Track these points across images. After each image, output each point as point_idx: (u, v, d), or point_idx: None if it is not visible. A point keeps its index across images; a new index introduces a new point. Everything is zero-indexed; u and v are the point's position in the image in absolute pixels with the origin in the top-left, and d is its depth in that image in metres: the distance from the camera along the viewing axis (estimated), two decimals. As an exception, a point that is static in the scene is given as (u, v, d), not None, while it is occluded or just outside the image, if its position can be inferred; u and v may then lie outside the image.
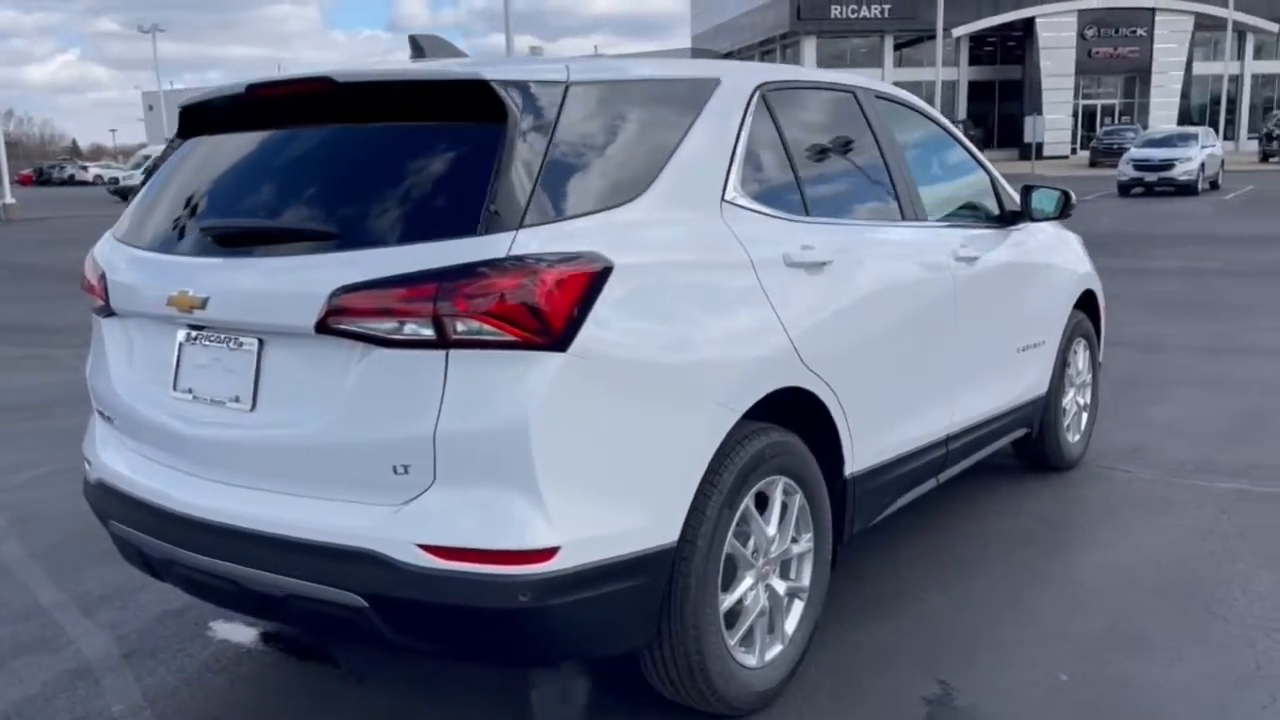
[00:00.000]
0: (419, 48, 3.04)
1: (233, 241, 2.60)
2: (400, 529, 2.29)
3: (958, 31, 47.63)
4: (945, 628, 3.34)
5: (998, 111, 51.68)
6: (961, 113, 45.21)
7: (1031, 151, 37.58)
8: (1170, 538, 4.08)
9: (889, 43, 51.30)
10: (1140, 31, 48.35)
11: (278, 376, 2.50)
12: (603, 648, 2.54)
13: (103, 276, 2.90)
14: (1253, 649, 3.14)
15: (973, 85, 51.70)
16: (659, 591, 2.49)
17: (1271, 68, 51.68)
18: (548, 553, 2.25)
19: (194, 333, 2.67)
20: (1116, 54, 48.66)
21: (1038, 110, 48.15)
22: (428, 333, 2.24)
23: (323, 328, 2.35)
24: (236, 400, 2.56)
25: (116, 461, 2.89)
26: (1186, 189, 26.32)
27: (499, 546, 2.24)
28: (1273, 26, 48.07)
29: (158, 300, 2.66)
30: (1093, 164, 39.80)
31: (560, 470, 2.28)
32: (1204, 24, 48.21)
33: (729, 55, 59.98)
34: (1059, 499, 4.59)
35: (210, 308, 2.54)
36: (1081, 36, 48.29)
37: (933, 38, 50.42)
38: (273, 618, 3.02)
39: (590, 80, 2.61)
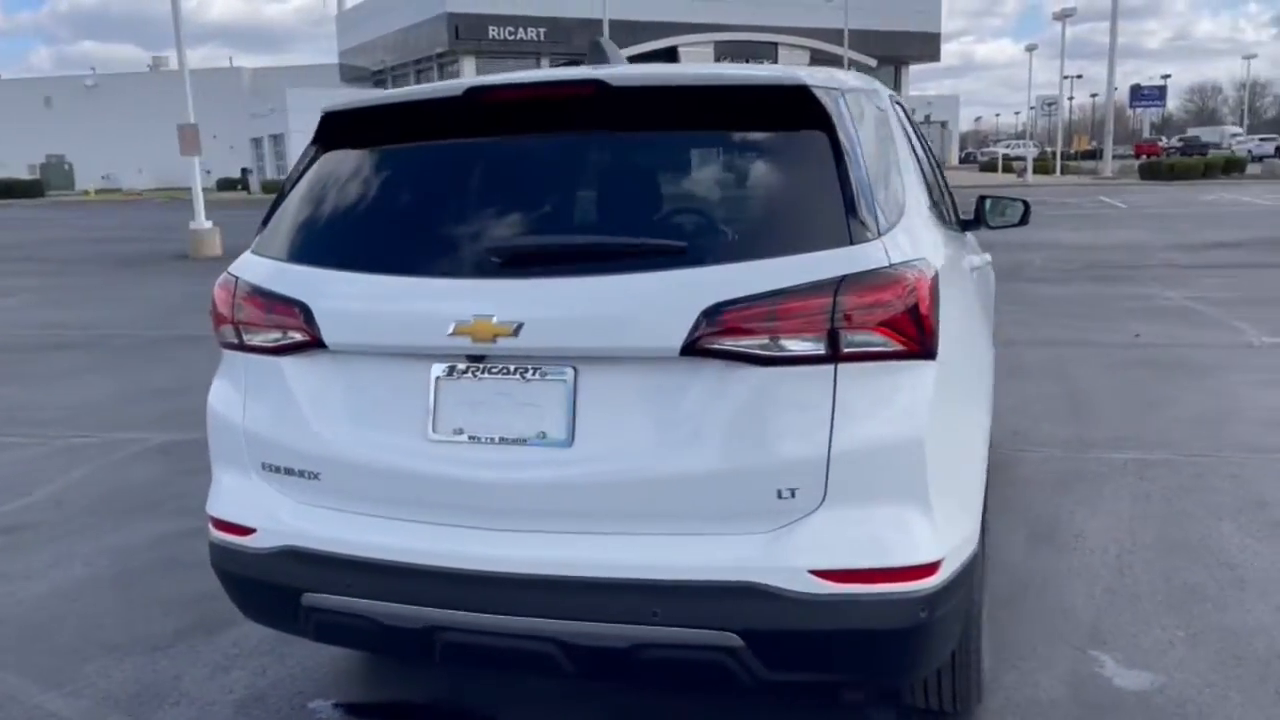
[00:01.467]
0: (601, 52, 2.86)
1: (532, 261, 2.32)
2: (787, 556, 2.18)
3: (611, 57, 49.72)
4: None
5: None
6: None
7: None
8: (1133, 506, 4.65)
9: (545, 65, 52.60)
10: (766, 62, 53.08)
11: (604, 406, 2.27)
12: (942, 658, 2.53)
13: (301, 307, 2.47)
14: None
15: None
16: (973, 598, 2.54)
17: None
18: (935, 565, 2.23)
19: (462, 366, 2.36)
20: (750, 83, 53.09)
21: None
22: (816, 347, 2.16)
23: (693, 349, 2.18)
24: (542, 437, 2.30)
25: (323, 523, 2.48)
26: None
27: (897, 564, 2.19)
28: (872, 61, 54.59)
29: (430, 331, 2.32)
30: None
31: (937, 480, 2.27)
32: (818, 58, 53.90)
33: (381, 73, 58.76)
34: (1002, 481, 5.07)
35: (524, 335, 2.25)
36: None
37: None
38: (598, 675, 2.66)
39: (849, 88, 2.58)
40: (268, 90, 56.50)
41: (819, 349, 2.16)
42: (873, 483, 2.19)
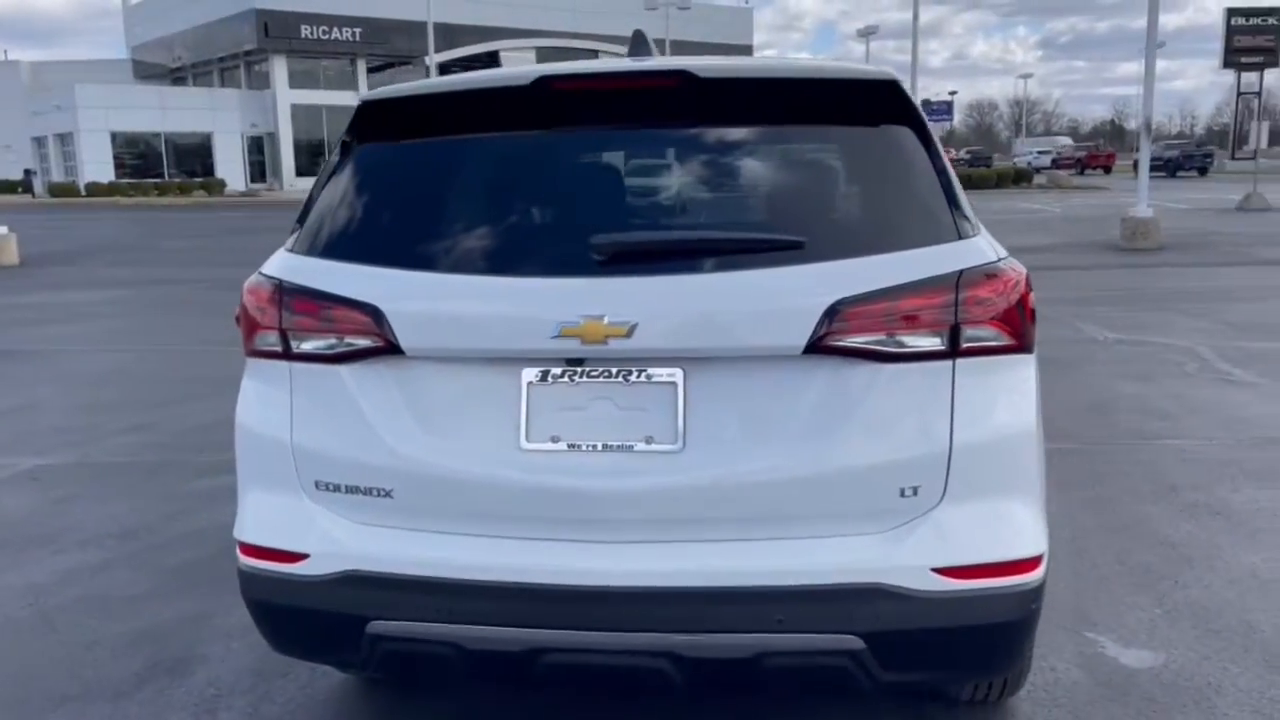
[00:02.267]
0: (645, 43, 2.76)
1: (640, 259, 2.21)
2: (910, 555, 2.16)
3: (428, 60, 48.86)
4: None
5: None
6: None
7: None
8: (1063, 494, 4.90)
9: (362, 66, 51.16)
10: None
11: (715, 407, 2.19)
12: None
13: (372, 311, 2.26)
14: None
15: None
16: None
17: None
18: (1041, 557, 2.26)
19: (558, 370, 2.22)
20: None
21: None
22: (937, 342, 2.15)
23: (816, 347, 2.13)
24: (649, 441, 2.19)
25: (395, 543, 2.29)
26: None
27: (1013, 557, 2.21)
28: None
29: (531, 333, 2.17)
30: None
31: (1039, 473, 2.31)
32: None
33: (180, 70, 55.64)
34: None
35: (637, 336, 2.14)
36: (541, 71, 52.16)
37: (405, 64, 51.40)
38: (710, 687, 2.49)
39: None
40: (50, 86, 52.36)
41: (940, 344, 2.15)
42: (989, 477, 2.20)
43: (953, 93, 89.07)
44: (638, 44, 2.75)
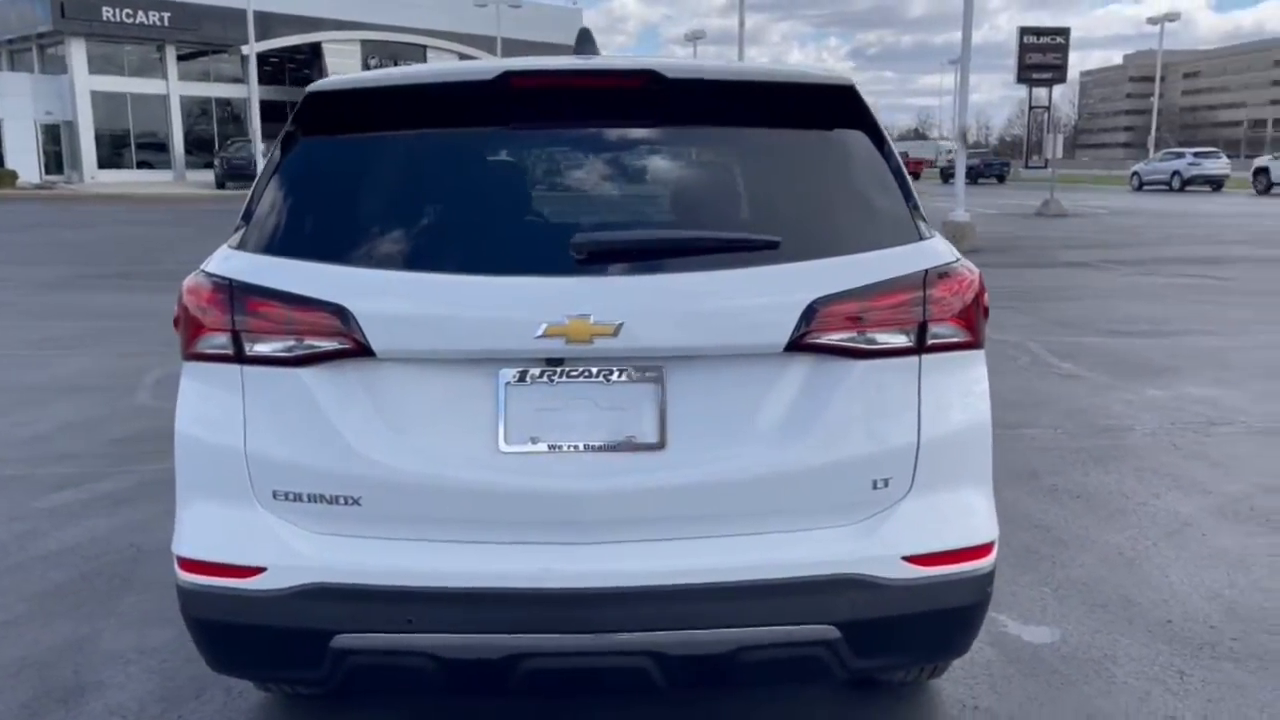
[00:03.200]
0: (591, 41, 2.74)
1: (622, 258, 2.19)
2: (881, 545, 2.24)
3: (245, 49, 46.81)
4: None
5: (292, 133, 51.88)
6: (254, 133, 44.22)
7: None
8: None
9: (171, 53, 48.40)
10: (414, 64, 52.34)
11: (695, 405, 2.20)
12: None
13: (338, 311, 2.16)
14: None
15: (266, 105, 51.29)
16: None
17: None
18: (993, 543, 2.39)
19: (537, 371, 2.19)
20: (398, 84, 52.02)
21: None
22: (906, 339, 2.24)
23: (797, 345, 2.18)
24: (630, 441, 2.19)
25: (363, 553, 2.20)
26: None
27: (973, 543, 2.33)
28: (519, 70, 55.43)
29: (512, 333, 2.14)
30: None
31: (990, 463, 2.43)
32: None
33: (-39, 51, 51.23)
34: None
35: (623, 335, 2.13)
36: (366, 65, 50.61)
37: (218, 52, 48.98)
38: (690, 684, 2.40)
39: None
40: None
41: (908, 341, 2.24)
42: (952, 468, 2.31)
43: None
44: (583, 42, 2.73)
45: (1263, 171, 37.92)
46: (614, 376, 2.20)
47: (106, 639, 3.51)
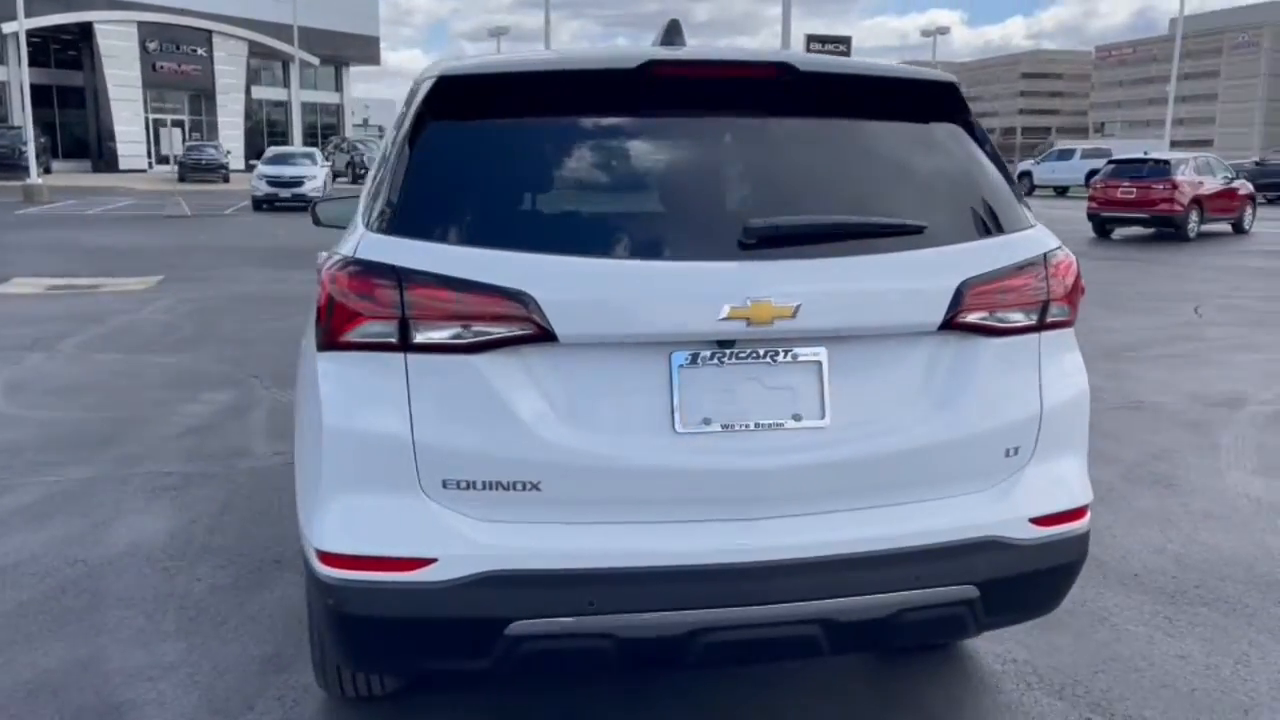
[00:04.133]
0: (679, 32, 2.78)
1: (792, 241, 2.27)
2: (1013, 508, 2.43)
3: (8, 28, 42.89)
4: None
5: (60, 119, 47.94)
6: (25, 119, 40.54)
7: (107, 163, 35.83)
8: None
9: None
10: (200, 51, 49.36)
11: (854, 383, 2.32)
12: None
13: (522, 298, 2.14)
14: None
15: (33, 89, 47.23)
16: None
17: (317, 96, 57.49)
18: (1089, 505, 2.61)
19: (707, 353, 2.24)
20: (181, 71, 48.96)
21: (109, 121, 46.11)
22: (1031, 317, 2.44)
23: (949, 324, 2.33)
24: (797, 419, 2.28)
25: (543, 538, 2.21)
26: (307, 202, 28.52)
27: (1080, 503, 2.55)
28: (315, 60, 53.38)
29: (694, 316, 2.19)
30: (181, 179, 39.81)
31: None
32: (258, 51, 51.41)
33: None
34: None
35: (800, 316, 2.21)
36: (144, 49, 47.44)
37: (-26, 30, 44.58)
38: (850, 649, 2.57)
39: None
40: None
41: (1032, 319, 2.44)
42: (1064, 435, 2.52)
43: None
44: (672, 33, 2.78)
45: (1026, 175, 41.20)
46: (779, 357, 2.28)
47: (113, 657, 3.27)
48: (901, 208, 2.45)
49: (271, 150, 31.92)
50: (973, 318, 2.36)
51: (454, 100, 2.36)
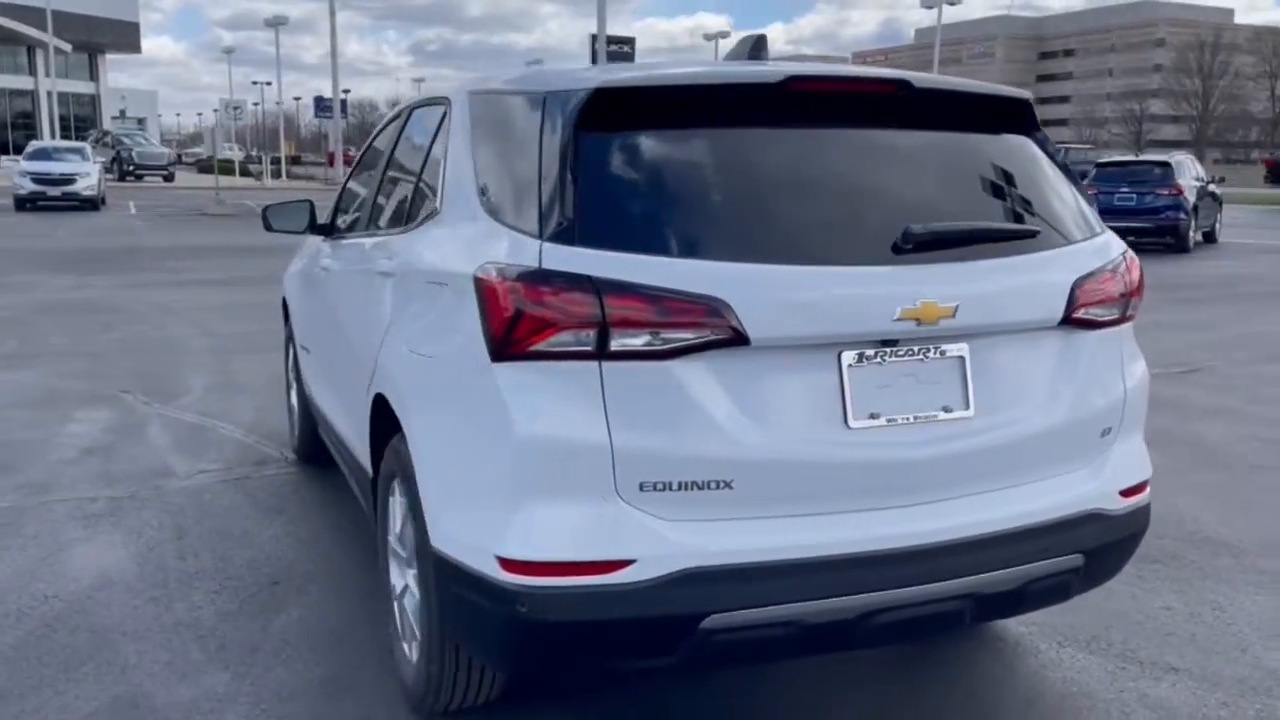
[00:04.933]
0: (765, 48, 2.90)
1: (942, 245, 2.46)
2: (1108, 483, 2.72)
3: None
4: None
5: None
6: None
7: None
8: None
9: None
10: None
11: (990, 376, 2.53)
12: None
13: (720, 304, 2.22)
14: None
15: None
16: None
17: (70, 86, 53.06)
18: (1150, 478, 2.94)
19: (870, 352, 2.39)
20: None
21: None
22: (1116, 312, 2.73)
23: (1066, 319, 2.58)
24: (947, 410, 2.46)
25: (733, 535, 2.30)
26: (90, 203, 26.49)
27: (1148, 475, 2.86)
28: (67, 46, 49.31)
29: (870, 317, 2.35)
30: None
31: None
32: (6, 36, 47.01)
33: None
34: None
35: (959, 315, 2.39)
36: None
37: None
38: (986, 619, 2.89)
39: None
40: None
41: (1118, 313, 2.73)
42: (1136, 415, 2.83)
43: (346, 91, 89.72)
44: (758, 49, 2.90)
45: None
46: (930, 354, 2.46)
47: (157, 693, 3.07)
48: (1012, 214, 2.69)
49: (34, 145, 29.31)
50: (1082, 313, 2.63)
51: (605, 111, 2.40)
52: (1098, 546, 2.69)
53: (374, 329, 3.17)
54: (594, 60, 64.36)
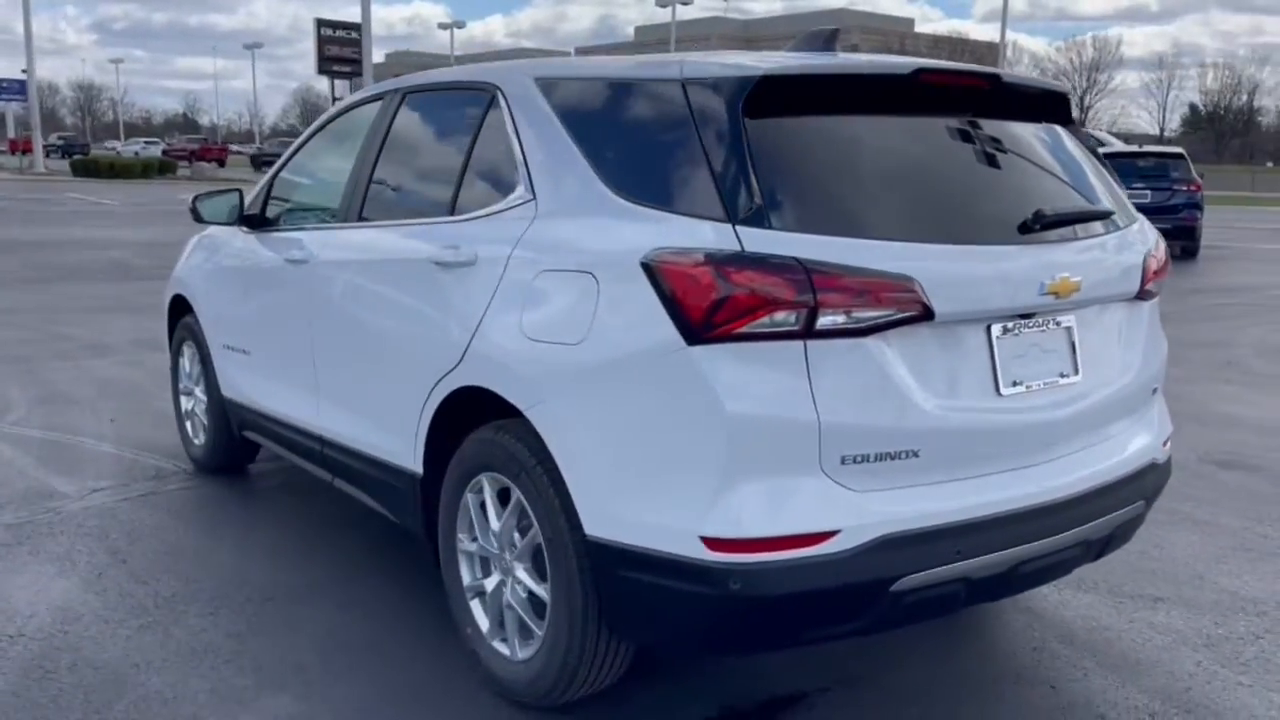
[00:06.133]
0: (836, 40, 3.02)
1: (1060, 225, 2.70)
2: (1158, 435, 3.07)
3: None
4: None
5: None
6: None
7: None
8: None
9: None
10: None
11: (1087, 344, 2.79)
12: None
13: (913, 283, 2.33)
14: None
15: None
16: None
17: None
18: None
19: (1010, 324, 2.59)
20: None
21: None
22: (1159, 287, 3.07)
23: (1139, 292, 2.90)
24: (1064, 376, 2.71)
25: (920, 500, 2.44)
26: None
27: (1171, 429, 3.23)
28: None
29: (1022, 292, 2.56)
30: None
31: None
32: None
33: None
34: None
35: (1084, 289, 2.64)
36: None
37: None
38: (1086, 561, 2.95)
39: None
40: None
41: (1159, 286, 3.07)
42: (1162, 375, 3.20)
43: (24, 71, 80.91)
44: (830, 40, 3.03)
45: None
46: (1049, 326, 2.69)
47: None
48: (1091, 197, 2.96)
49: None
50: (1147, 286, 2.96)
51: (770, 98, 2.46)
52: (1151, 493, 3.03)
53: (436, 321, 3.04)
54: (318, 45, 61.18)
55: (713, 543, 2.30)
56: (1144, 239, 3.00)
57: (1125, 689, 3.07)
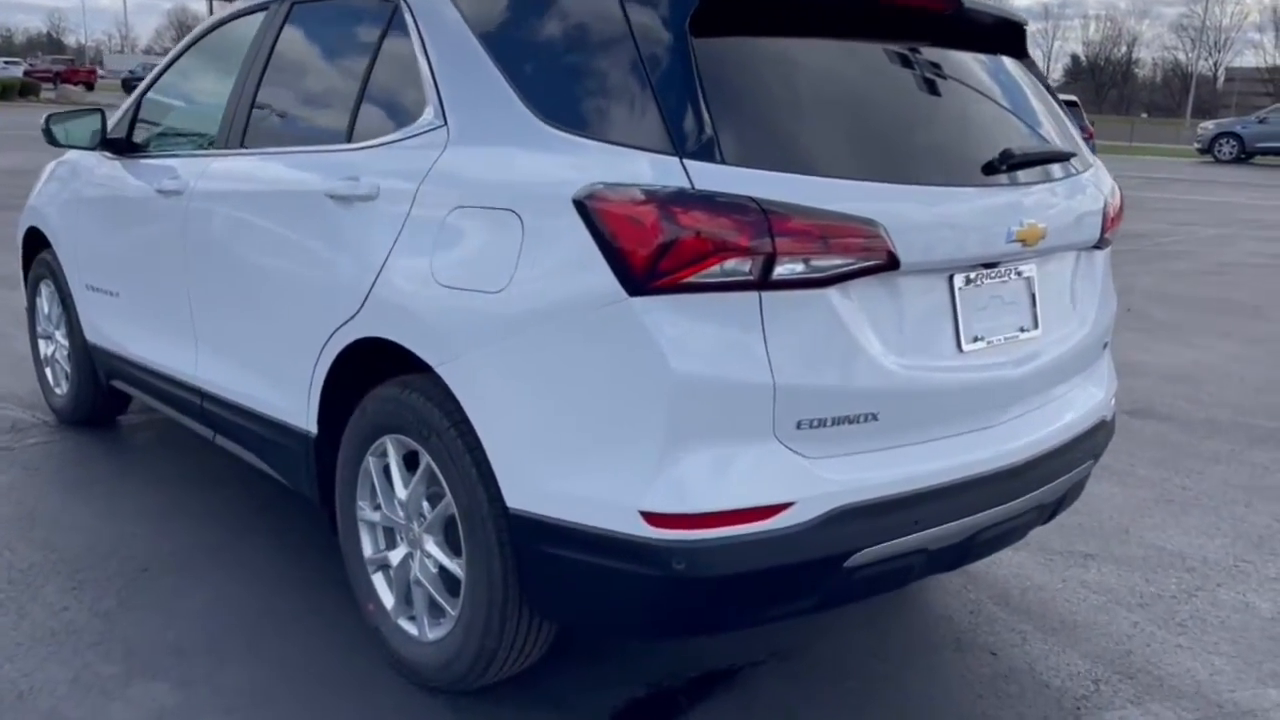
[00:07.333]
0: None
1: (1024, 167, 2.47)
2: (1107, 391, 2.92)
3: None
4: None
5: None
6: None
7: None
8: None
9: None
10: None
11: (1046, 295, 2.60)
12: None
13: (879, 227, 2.08)
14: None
15: None
16: None
17: None
18: None
19: (973, 275, 2.37)
20: None
21: None
22: (1112, 235, 2.89)
23: (1098, 241, 2.71)
24: (1023, 330, 2.52)
25: (876, 467, 2.22)
26: None
27: (1116, 385, 3.09)
28: None
29: (989, 239, 2.34)
30: None
31: None
32: None
33: None
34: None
35: (1049, 237, 2.43)
36: None
37: None
38: (1033, 528, 2.80)
39: None
40: None
41: (1111, 235, 2.89)
42: (1111, 327, 3.04)
43: None
44: None
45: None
46: (1010, 276, 2.49)
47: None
48: (1051, 136, 2.75)
49: None
50: (1108, 234, 2.78)
51: (726, 16, 2.16)
52: (1101, 451, 2.89)
53: (332, 263, 2.69)
54: (125, 9, 57.64)
55: (654, 518, 2.04)
56: (1101, 184, 2.82)
57: (1065, 654, 2.96)
